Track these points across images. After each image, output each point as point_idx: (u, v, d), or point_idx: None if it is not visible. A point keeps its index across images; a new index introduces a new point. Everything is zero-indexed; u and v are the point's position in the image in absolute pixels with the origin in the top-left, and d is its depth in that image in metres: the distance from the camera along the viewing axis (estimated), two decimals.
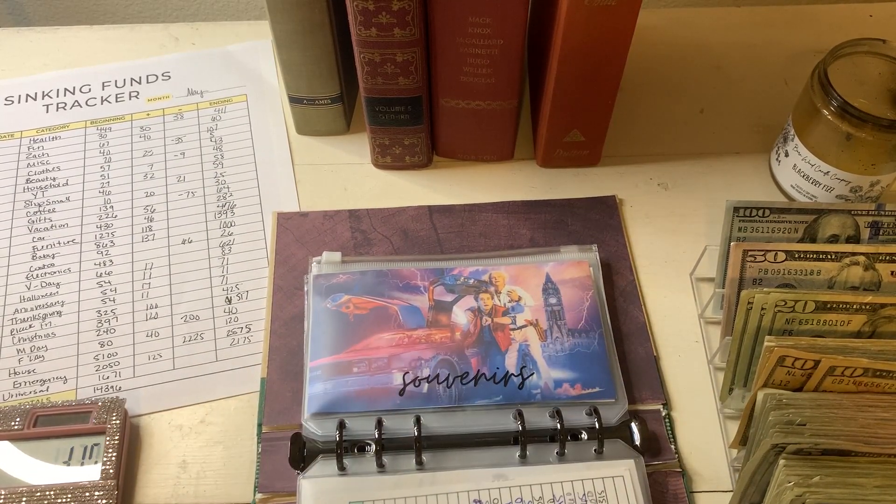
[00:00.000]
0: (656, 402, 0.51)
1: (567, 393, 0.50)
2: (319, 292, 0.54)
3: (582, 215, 0.59)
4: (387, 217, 0.59)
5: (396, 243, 0.58)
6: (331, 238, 0.58)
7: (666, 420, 0.51)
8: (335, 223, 0.59)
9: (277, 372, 0.52)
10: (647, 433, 0.49)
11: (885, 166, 0.53)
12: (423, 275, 0.55)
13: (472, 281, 0.54)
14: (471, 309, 0.53)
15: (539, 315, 0.53)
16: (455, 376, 0.50)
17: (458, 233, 0.59)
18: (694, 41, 0.70)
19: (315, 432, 0.49)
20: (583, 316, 0.53)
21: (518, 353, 0.51)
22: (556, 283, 0.54)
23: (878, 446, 0.40)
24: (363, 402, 0.49)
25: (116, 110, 0.66)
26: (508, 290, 0.54)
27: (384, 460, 0.48)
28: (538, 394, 0.50)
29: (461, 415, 0.49)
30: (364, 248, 0.58)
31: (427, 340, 0.52)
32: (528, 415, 0.49)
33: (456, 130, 0.60)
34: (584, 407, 0.50)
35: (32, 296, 0.56)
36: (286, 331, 0.54)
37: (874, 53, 0.55)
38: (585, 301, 0.53)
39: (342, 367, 0.50)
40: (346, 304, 0.53)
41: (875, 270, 0.49)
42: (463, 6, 0.50)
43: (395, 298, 0.53)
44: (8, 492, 0.46)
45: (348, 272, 0.55)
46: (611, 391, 0.50)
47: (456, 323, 0.52)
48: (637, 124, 0.65)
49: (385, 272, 0.55)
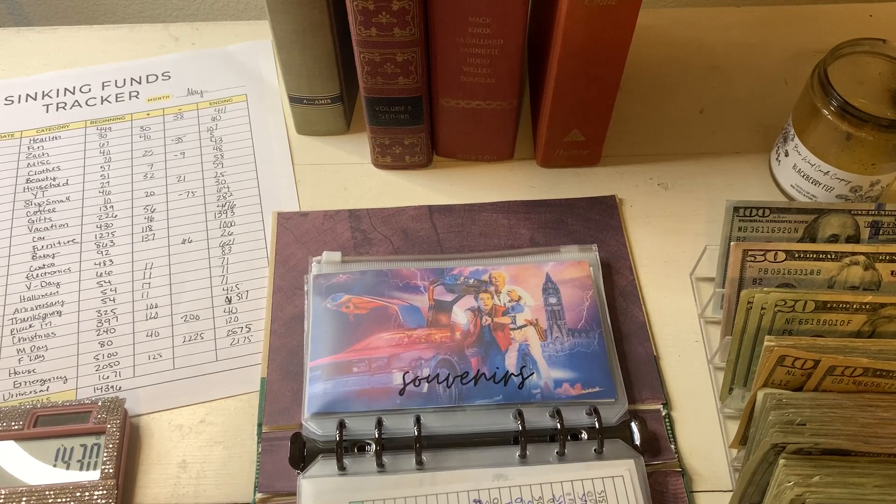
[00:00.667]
0: (656, 402, 0.51)
1: (567, 393, 0.50)
2: (319, 292, 0.54)
3: (582, 215, 0.59)
4: (387, 217, 0.59)
5: (396, 243, 0.58)
6: (331, 238, 0.58)
7: (666, 420, 0.51)
8: (335, 223, 0.59)
9: (277, 372, 0.52)
10: (647, 433, 0.49)
11: (885, 166, 0.53)
12: (423, 274, 0.55)
13: (472, 281, 0.54)
14: (471, 309, 0.53)
15: (539, 315, 0.53)
16: (455, 376, 0.50)
17: (458, 232, 0.59)
18: (693, 41, 0.70)
19: (315, 432, 0.49)
20: (583, 316, 0.53)
21: (518, 352, 0.51)
22: (556, 283, 0.54)
23: (878, 446, 0.40)
24: (363, 401, 0.49)
25: (116, 110, 0.66)
26: (508, 289, 0.54)
27: (384, 460, 0.48)
28: (538, 393, 0.50)
29: (461, 414, 0.50)
30: (364, 247, 0.58)
31: (427, 340, 0.52)
32: (527, 415, 0.49)
33: (456, 130, 0.60)
34: (584, 407, 0.50)
35: (32, 295, 0.56)
36: (286, 331, 0.54)
37: (874, 53, 0.55)
38: (585, 301, 0.53)
39: (342, 367, 0.50)
40: (346, 304, 0.53)
41: (875, 270, 0.49)
42: (463, 6, 0.50)
43: (395, 298, 0.53)
44: (8, 492, 0.46)
45: (348, 272, 0.55)
46: (611, 391, 0.50)
47: (456, 323, 0.52)
48: (637, 124, 0.65)
49: (385, 272, 0.55)
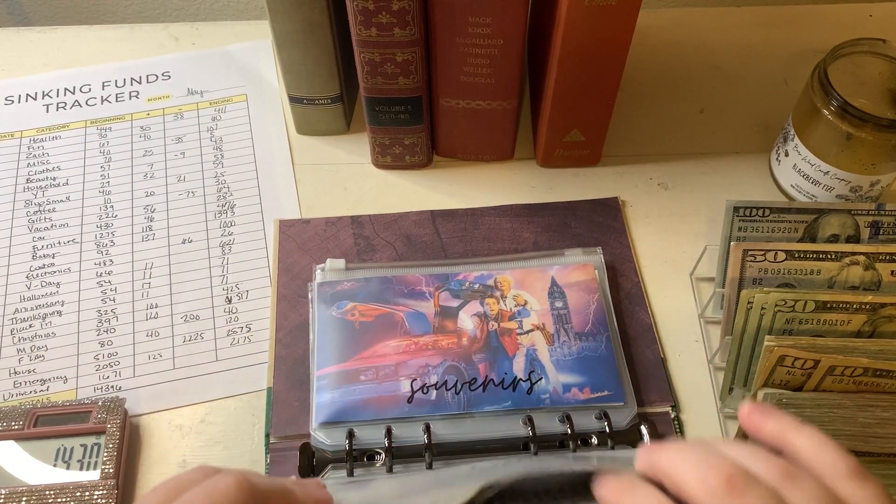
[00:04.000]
0: (665, 405, 0.51)
1: (576, 397, 0.49)
2: (324, 300, 0.53)
3: (585, 217, 0.59)
4: (389, 223, 0.59)
5: (400, 249, 0.58)
6: (333, 245, 0.58)
7: (675, 422, 0.50)
8: (338, 230, 0.58)
9: (284, 381, 0.51)
10: (656, 436, 0.49)
11: (885, 166, 0.53)
12: (427, 280, 0.54)
13: (478, 286, 0.54)
14: (477, 314, 0.53)
15: (545, 319, 0.52)
16: (463, 382, 0.50)
17: (462, 237, 0.58)
18: (694, 41, 0.70)
19: (324, 442, 0.48)
20: (589, 319, 0.52)
21: (526, 357, 0.51)
22: (561, 287, 0.54)
23: (878, 446, 0.40)
24: (371, 410, 0.49)
25: (116, 110, 0.66)
26: (514, 294, 0.53)
27: (394, 469, 0.47)
28: (547, 398, 0.49)
29: (470, 421, 0.49)
30: (367, 254, 0.57)
31: (434, 347, 0.51)
32: (537, 420, 0.48)
33: (456, 130, 0.60)
34: (594, 411, 0.49)
35: (32, 295, 0.56)
36: (291, 340, 0.53)
37: (874, 53, 0.55)
38: (591, 304, 0.53)
39: (349, 376, 0.50)
40: (352, 312, 0.52)
41: (875, 270, 0.49)
42: (463, 6, 0.50)
43: (401, 305, 0.53)
44: (8, 492, 0.46)
45: (352, 279, 0.54)
46: (620, 395, 0.50)
47: (462, 328, 0.52)
48: (637, 124, 0.65)
49: (390, 278, 0.54)
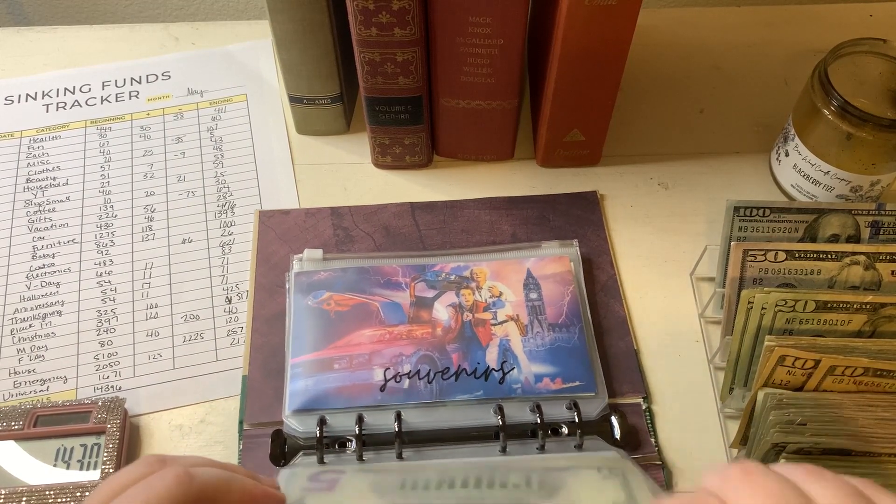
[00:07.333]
0: (636, 396, 0.51)
1: (547, 387, 0.50)
2: (301, 289, 0.54)
3: (563, 211, 0.59)
4: (369, 214, 0.59)
5: (378, 240, 0.58)
6: (313, 235, 0.58)
7: (646, 413, 0.51)
8: (317, 220, 0.59)
9: (259, 370, 0.52)
10: (626, 427, 0.49)
11: (885, 166, 0.53)
12: (404, 271, 0.55)
13: (454, 277, 0.54)
14: (452, 305, 0.53)
15: (520, 310, 0.53)
16: (436, 372, 0.50)
17: (440, 229, 0.58)
18: (694, 41, 0.70)
19: (296, 429, 0.49)
20: (563, 311, 0.53)
21: (499, 348, 0.51)
22: (536, 279, 0.54)
23: (879, 446, 0.40)
24: (344, 398, 0.49)
25: (116, 110, 0.66)
26: (489, 285, 0.54)
27: (365, 456, 0.48)
28: (518, 388, 0.50)
29: (442, 410, 0.50)
30: (346, 245, 0.58)
31: (408, 336, 0.52)
32: (508, 409, 0.49)
33: (456, 130, 0.60)
34: (565, 401, 0.50)
35: (32, 295, 0.56)
36: (268, 329, 0.54)
37: (874, 53, 0.55)
38: (566, 296, 0.53)
39: (323, 364, 0.50)
40: (328, 301, 0.53)
41: (875, 270, 0.49)
42: (463, 6, 0.50)
43: (377, 295, 0.53)
44: (8, 492, 0.46)
45: (330, 269, 0.55)
46: (591, 385, 0.50)
47: (437, 319, 0.52)
48: (637, 124, 0.65)
49: (366, 269, 0.55)
